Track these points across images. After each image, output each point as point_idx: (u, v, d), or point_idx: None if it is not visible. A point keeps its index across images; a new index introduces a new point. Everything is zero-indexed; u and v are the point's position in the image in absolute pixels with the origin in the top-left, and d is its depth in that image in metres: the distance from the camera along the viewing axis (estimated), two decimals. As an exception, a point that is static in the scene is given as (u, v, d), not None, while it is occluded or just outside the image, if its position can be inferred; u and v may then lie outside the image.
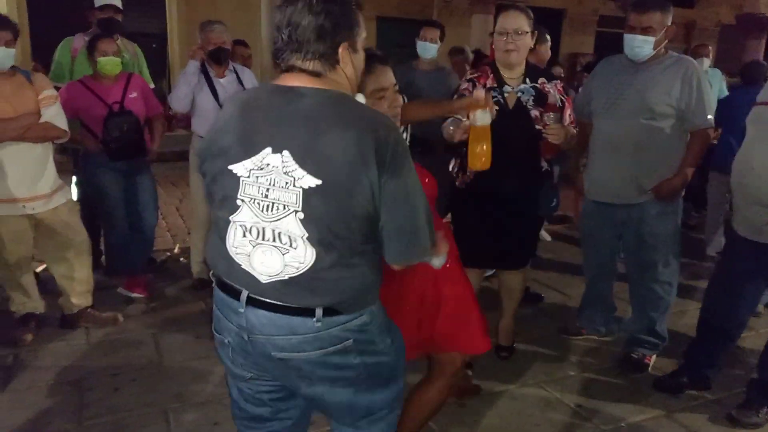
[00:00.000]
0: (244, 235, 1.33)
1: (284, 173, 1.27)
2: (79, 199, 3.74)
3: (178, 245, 4.56)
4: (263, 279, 1.33)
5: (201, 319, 3.36)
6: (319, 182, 1.25)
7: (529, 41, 2.58)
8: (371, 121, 1.29)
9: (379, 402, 1.51)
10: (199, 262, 3.78)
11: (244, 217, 1.33)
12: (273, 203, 1.29)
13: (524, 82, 2.63)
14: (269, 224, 1.30)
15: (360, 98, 1.44)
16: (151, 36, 10.42)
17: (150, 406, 2.53)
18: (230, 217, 1.35)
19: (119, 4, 3.97)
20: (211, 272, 1.47)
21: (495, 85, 2.62)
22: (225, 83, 3.57)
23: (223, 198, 1.36)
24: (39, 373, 2.77)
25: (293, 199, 1.27)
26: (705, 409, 2.61)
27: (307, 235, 1.28)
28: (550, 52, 3.71)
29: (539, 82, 2.64)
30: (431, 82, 3.77)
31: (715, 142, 4.37)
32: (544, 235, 4.92)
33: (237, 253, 1.35)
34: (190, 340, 3.12)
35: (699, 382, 2.71)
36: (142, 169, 3.62)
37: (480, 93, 2.13)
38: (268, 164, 1.28)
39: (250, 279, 1.35)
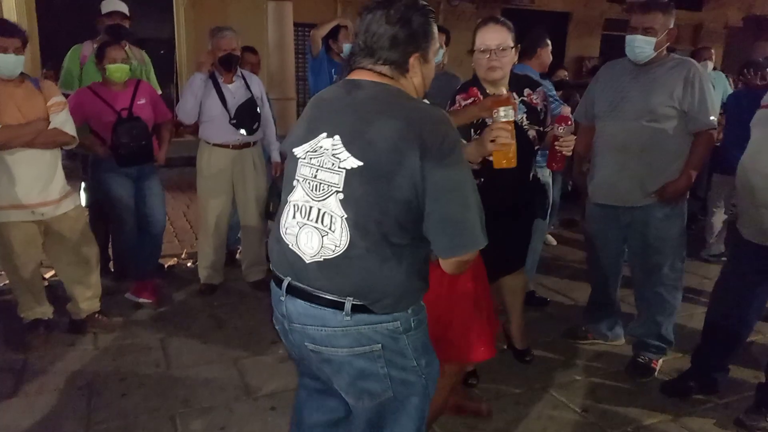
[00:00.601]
0: (294, 216, 1.42)
1: (332, 155, 1.35)
2: (88, 205, 3.78)
3: (185, 250, 4.59)
4: (306, 259, 1.39)
5: (208, 324, 3.38)
6: (361, 164, 1.32)
7: (513, 57, 2.40)
8: (420, 114, 1.34)
9: (400, 426, 1.47)
10: (206, 267, 3.81)
11: (297, 196, 1.42)
12: (320, 183, 1.36)
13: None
14: (315, 203, 1.37)
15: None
16: (159, 42, 10.50)
17: (157, 411, 2.55)
18: (287, 197, 1.45)
19: (126, 11, 4.01)
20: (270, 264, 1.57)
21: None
22: (233, 89, 3.60)
23: (287, 180, 1.47)
24: (48, 378, 2.79)
25: (336, 179, 1.34)
26: (713, 413, 2.60)
27: (345, 215, 1.33)
28: (551, 56, 3.71)
29: (525, 94, 2.54)
30: (439, 87, 3.76)
31: (718, 144, 4.37)
32: (550, 239, 4.91)
33: (287, 233, 1.44)
34: (198, 345, 3.14)
35: (707, 385, 2.70)
36: (150, 175, 3.65)
37: (502, 91, 2.19)
38: (321, 146, 1.37)
39: (296, 259, 1.41)
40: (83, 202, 3.63)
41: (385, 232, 1.33)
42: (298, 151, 1.43)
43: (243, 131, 3.61)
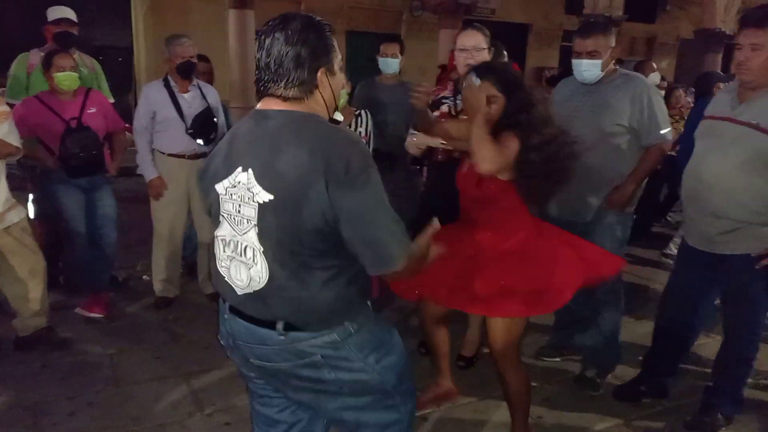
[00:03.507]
0: (224, 250, 1.45)
1: (247, 189, 1.36)
2: (36, 217, 3.65)
3: (140, 263, 4.48)
4: (238, 291, 1.44)
5: (162, 339, 3.30)
6: (272, 197, 1.32)
7: (486, 56, 2.80)
8: (324, 140, 1.33)
9: (369, 423, 1.55)
10: (161, 279, 3.72)
11: (223, 231, 1.45)
12: (242, 218, 1.39)
13: None
14: (239, 237, 1.40)
15: (338, 116, 1.49)
16: (118, 49, 10.32)
17: (107, 429, 2.47)
18: (216, 232, 1.48)
19: (74, 17, 3.91)
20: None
21: (451, 95, 2.87)
22: (189, 99, 3.55)
23: (213, 216, 1.49)
24: (-9, 398, 2.68)
25: (252, 213, 1.36)
26: (663, 417, 2.66)
27: (262, 249, 1.36)
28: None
29: None
30: (395, 97, 3.80)
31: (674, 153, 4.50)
32: None
33: (221, 266, 1.47)
34: (150, 360, 3.06)
35: (657, 390, 2.76)
36: (101, 186, 3.56)
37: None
38: (239, 182, 1.38)
39: (230, 290, 1.46)
40: (31, 215, 3.51)
41: (304, 260, 1.35)
42: (219, 187, 1.43)
43: (200, 141, 3.55)
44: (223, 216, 1.44)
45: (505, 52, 3.76)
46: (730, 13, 11.20)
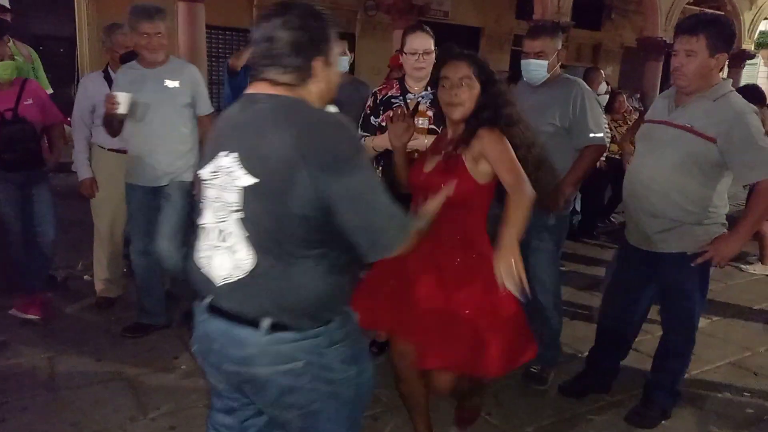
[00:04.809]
0: (206, 238, 1.39)
1: (230, 173, 1.31)
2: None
3: (81, 262, 4.29)
4: (218, 282, 1.36)
5: (103, 340, 3.18)
6: (256, 180, 1.28)
7: (433, 58, 2.83)
8: (313, 123, 1.30)
9: None
10: (103, 279, 3.58)
11: (206, 219, 1.39)
12: (223, 204, 1.33)
13: (425, 89, 2.84)
14: (221, 224, 1.35)
15: (332, 109, 1.45)
16: (60, 39, 9.90)
17: (42, 436, 2.36)
18: (199, 221, 1.42)
19: (6, 3, 3.72)
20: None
21: (398, 94, 2.89)
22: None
23: (201, 204, 1.43)
24: None
25: (235, 198, 1.31)
26: (606, 411, 2.75)
27: (246, 234, 1.31)
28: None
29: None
30: (346, 95, 3.78)
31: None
32: None
33: (201, 257, 1.40)
34: (90, 363, 2.93)
35: (600, 385, 2.85)
36: (39, 181, 3.39)
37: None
38: (221, 165, 1.34)
39: (209, 283, 1.39)
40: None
41: (289, 249, 1.30)
42: (203, 173, 1.39)
43: None
44: (204, 203, 1.39)
45: (457, 54, 3.82)
46: (671, 22, 11.70)
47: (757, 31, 15.26)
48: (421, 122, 2.81)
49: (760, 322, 3.98)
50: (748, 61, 14.97)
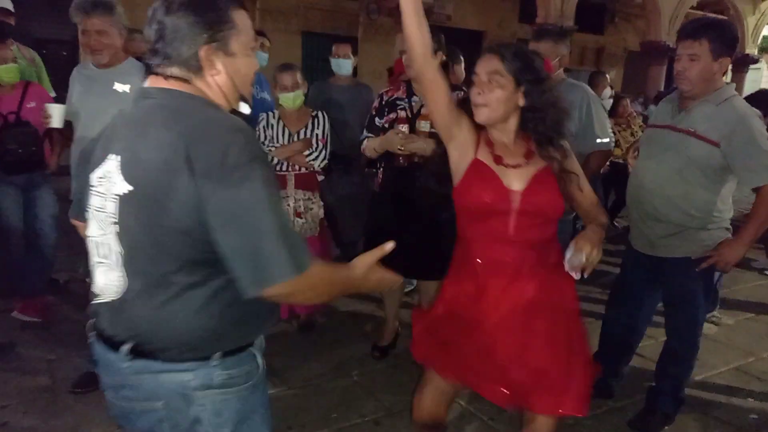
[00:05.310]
0: (92, 252, 1.22)
1: (110, 179, 1.16)
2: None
3: (83, 265, 4.29)
4: (99, 300, 1.22)
5: (105, 344, 3.17)
6: (131, 188, 1.12)
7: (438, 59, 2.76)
8: (204, 122, 1.12)
9: None
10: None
11: (91, 230, 1.22)
12: (106, 215, 1.17)
13: None
14: (104, 237, 1.18)
15: (244, 108, 1.28)
16: (61, 43, 9.93)
17: (42, 439, 2.35)
18: (86, 232, 1.25)
19: (10, 7, 3.72)
20: None
21: (404, 96, 2.88)
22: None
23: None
24: None
25: (113, 208, 1.15)
26: (609, 416, 2.73)
27: (121, 251, 1.15)
28: (464, 72, 3.82)
29: None
30: (349, 98, 3.79)
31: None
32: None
33: (91, 273, 1.25)
34: (92, 366, 2.93)
35: (603, 390, 2.82)
36: (40, 184, 3.39)
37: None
38: (107, 170, 1.17)
39: (93, 299, 1.25)
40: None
41: (165, 269, 1.11)
42: (92, 178, 1.21)
43: None
44: (89, 212, 1.22)
45: (461, 57, 3.82)
46: (674, 26, 11.70)
47: (761, 36, 15.26)
48: (423, 125, 2.80)
49: (764, 327, 3.96)
50: (752, 66, 14.98)
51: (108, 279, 1.19)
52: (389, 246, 1.26)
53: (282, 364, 3.03)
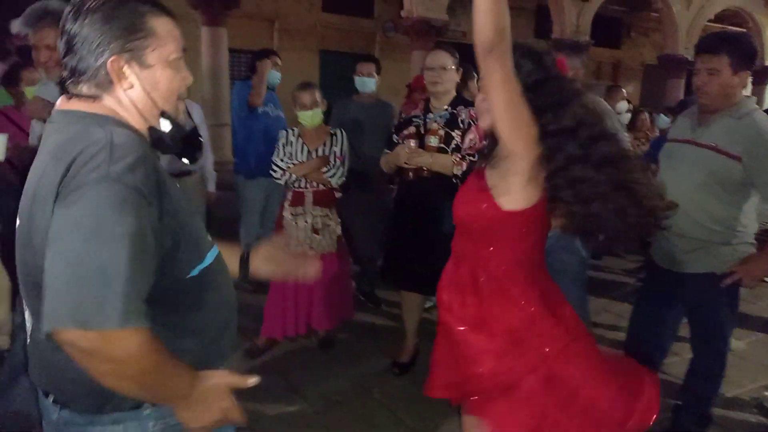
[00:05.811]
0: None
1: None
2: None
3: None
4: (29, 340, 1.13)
5: None
6: (18, 222, 1.04)
7: (453, 75, 2.93)
8: (74, 140, 0.98)
9: None
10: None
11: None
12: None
13: (445, 109, 2.91)
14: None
15: (164, 125, 1.16)
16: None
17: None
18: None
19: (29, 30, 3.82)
20: None
21: (421, 113, 2.96)
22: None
23: None
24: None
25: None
26: (633, 435, 2.68)
27: (24, 292, 1.08)
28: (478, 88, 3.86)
29: (458, 108, 2.90)
30: (371, 115, 3.83)
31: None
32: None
33: None
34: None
35: (627, 408, 2.78)
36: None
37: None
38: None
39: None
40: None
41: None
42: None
43: (185, 160, 3.46)
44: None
45: (475, 74, 3.85)
46: (692, 39, 11.63)
47: (781, 47, 15.05)
48: (432, 141, 2.87)
49: (792, 343, 3.87)
50: (772, 78, 14.76)
51: (26, 317, 1.10)
52: (252, 381, 1.10)
53: (302, 379, 3.04)
